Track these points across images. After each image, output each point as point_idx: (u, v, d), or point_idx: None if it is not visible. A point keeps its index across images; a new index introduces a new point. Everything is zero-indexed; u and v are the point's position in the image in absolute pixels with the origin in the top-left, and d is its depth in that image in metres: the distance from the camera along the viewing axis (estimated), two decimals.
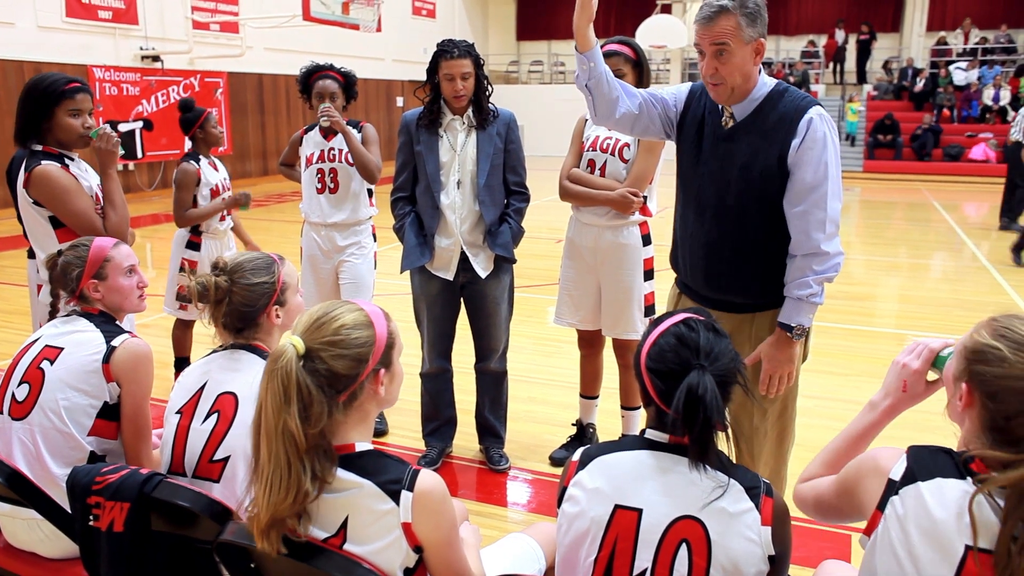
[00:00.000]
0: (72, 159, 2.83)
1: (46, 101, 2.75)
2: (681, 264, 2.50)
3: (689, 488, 1.41)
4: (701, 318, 1.50)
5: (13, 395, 2.01)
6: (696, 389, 1.38)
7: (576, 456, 1.54)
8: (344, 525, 1.41)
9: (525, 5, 24.36)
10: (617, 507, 1.42)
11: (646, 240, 3.28)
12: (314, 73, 3.79)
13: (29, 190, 2.70)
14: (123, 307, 2.20)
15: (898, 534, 1.27)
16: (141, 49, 13.30)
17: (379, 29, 14.40)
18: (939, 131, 17.23)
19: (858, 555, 2.70)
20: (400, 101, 19.78)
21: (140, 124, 12.71)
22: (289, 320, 1.94)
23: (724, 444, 1.46)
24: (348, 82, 3.86)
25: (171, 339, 4.22)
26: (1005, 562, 1.17)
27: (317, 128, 3.79)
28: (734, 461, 1.50)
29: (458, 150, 3.18)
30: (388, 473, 1.43)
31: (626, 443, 1.51)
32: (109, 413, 1.99)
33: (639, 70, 3.18)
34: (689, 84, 2.46)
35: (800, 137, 2.17)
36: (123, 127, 2.56)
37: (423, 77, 3.22)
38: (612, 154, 3.23)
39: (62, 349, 2.02)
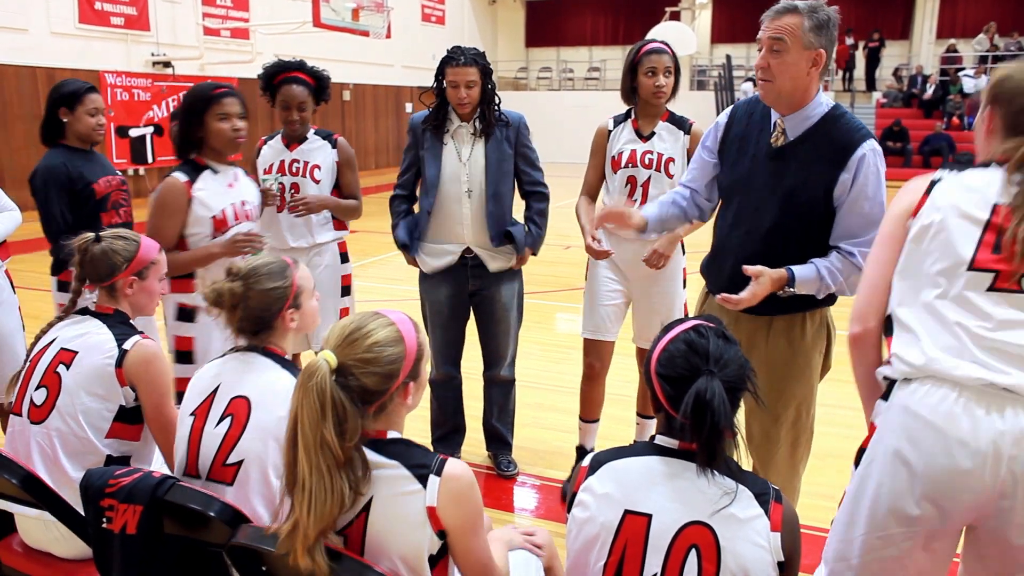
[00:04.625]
0: (217, 171, 2.86)
1: (196, 110, 2.79)
2: (714, 275, 2.44)
3: (699, 494, 1.42)
4: (712, 325, 1.52)
5: (32, 399, 2.03)
6: (704, 394, 1.39)
7: (586, 462, 1.55)
8: (367, 507, 1.43)
9: (534, 12, 24.42)
10: (627, 512, 1.43)
11: (683, 249, 3.25)
12: (279, 74, 3.34)
13: None
14: (144, 311, 2.23)
15: (935, 206, 1.61)
16: (152, 55, 13.40)
17: (388, 35, 14.48)
18: (951, 140, 17.17)
19: None
20: (409, 107, 19.83)
21: (151, 130, 12.81)
22: (304, 323, 1.95)
23: (734, 451, 1.47)
24: (320, 85, 3.43)
25: None
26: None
27: (279, 136, 3.49)
28: (744, 468, 1.50)
29: (465, 160, 3.16)
30: (416, 458, 1.47)
31: (636, 449, 1.52)
32: (127, 416, 2.01)
33: (678, 73, 3.13)
34: (728, 109, 2.48)
35: (851, 172, 2.13)
36: (133, 132, 2.62)
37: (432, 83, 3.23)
38: (657, 170, 3.11)
39: (76, 353, 2.04)
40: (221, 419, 1.79)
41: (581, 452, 3.49)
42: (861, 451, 1.68)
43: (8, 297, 3.04)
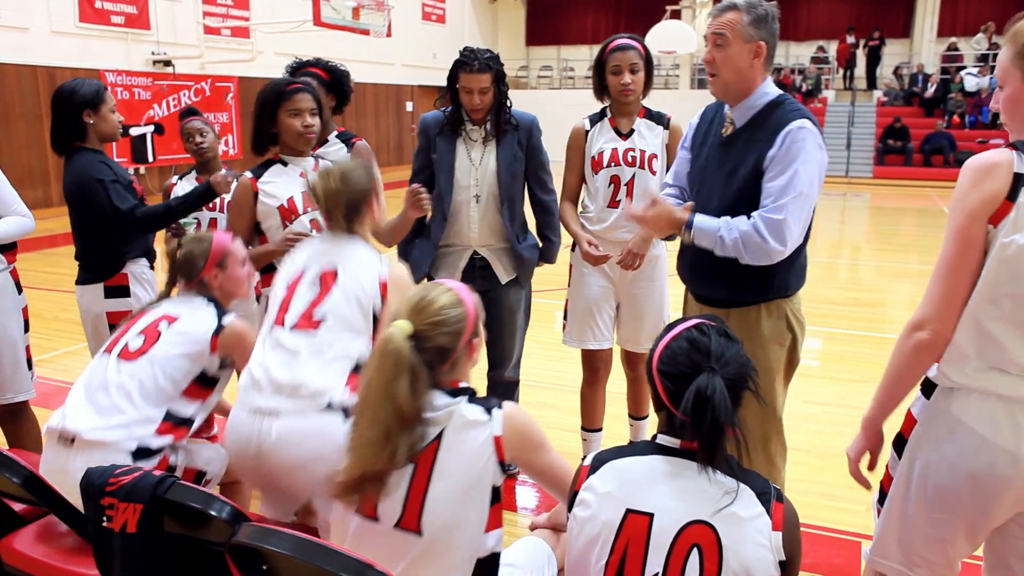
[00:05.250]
0: (287, 163, 2.88)
1: (268, 105, 2.80)
2: (679, 266, 2.54)
3: (700, 493, 1.42)
4: (713, 324, 1.53)
5: (127, 343, 2.26)
6: (705, 391, 1.40)
7: (587, 461, 1.55)
8: (440, 436, 1.59)
9: (535, 10, 24.41)
10: (628, 511, 1.44)
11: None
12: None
13: None
14: (236, 294, 2.49)
15: (1022, 212, 1.50)
16: (153, 54, 13.40)
17: (389, 34, 14.46)
18: (952, 139, 17.15)
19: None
20: (410, 106, 19.83)
21: (151, 128, 12.80)
22: (382, 218, 2.50)
23: (740, 448, 1.47)
24: (335, 79, 3.30)
25: None
26: None
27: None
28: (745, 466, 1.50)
29: (477, 165, 3.11)
30: (482, 400, 1.66)
31: (638, 448, 1.53)
32: (204, 380, 2.27)
33: (648, 68, 3.11)
34: (702, 109, 2.55)
35: (777, 147, 2.21)
36: (134, 131, 2.57)
37: (433, 82, 3.26)
38: (641, 167, 3.09)
39: (179, 317, 2.30)
40: (312, 286, 2.14)
41: None
42: (900, 439, 1.77)
43: (11, 300, 3.03)
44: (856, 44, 20.41)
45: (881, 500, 1.83)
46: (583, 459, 1.58)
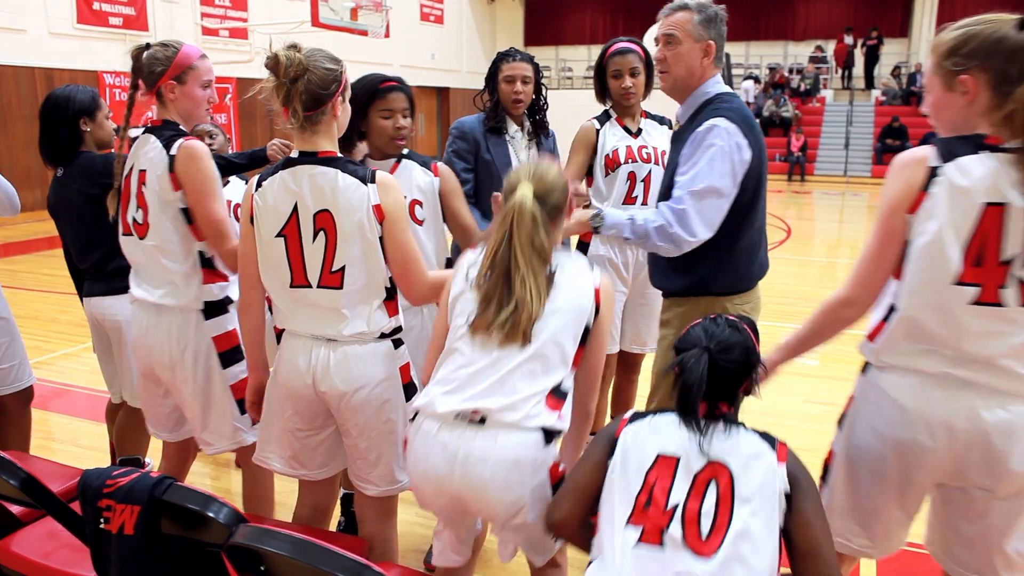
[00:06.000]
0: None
1: (359, 103, 2.65)
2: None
3: (717, 442, 1.64)
4: (732, 317, 1.77)
5: (134, 219, 2.39)
6: (687, 360, 1.65)
7: (628, 415, 1.77)
8: (550, 274, 1.88)
9: (533, 11, 24.44)
10: (659, 455, 1.66)
11: None
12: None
13: None
14: (193, 116, 2.46)
15: (934, 204, 1.67)
16: None
17: (387, 35, 14.49)
18: None
19: (865, 563, 2.69)
20: None
21: None
22: (343, 122, 2.19)
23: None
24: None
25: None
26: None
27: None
28: None
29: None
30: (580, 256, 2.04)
31: (667, 411, 1.73)
32: (190, 216, 2.36)
33: (649, 70, 3.11)
34: None
35: (688, 144, 2.30)
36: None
37: (432, 83, 3.23)
38: (656, 163, 3.11)
39: (146, 170, 2.36)
40: (315, 235, 2.06)
41: None
42: (842, 418, 1.98)
43: None
44: (854, 44, 20.44)
45: (824, 477, 1.99)
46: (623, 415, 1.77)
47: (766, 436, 1.66)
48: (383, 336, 2.14)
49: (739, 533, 1.55)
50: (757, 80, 21.17)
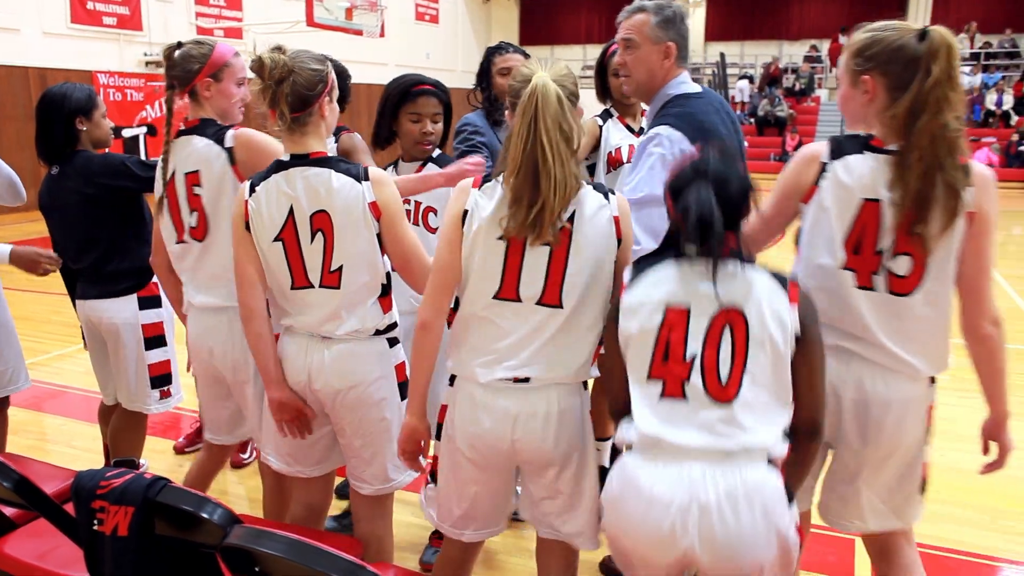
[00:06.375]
0: (396, 167, 2.78)
1: (390, 104, 2.67)
2: None
3: (724, 284, 1.63)
4: (717, 146, 1.73)
5: (189, 223, 2.35)
6: (690, 197, 1.61)
7: (626, 278, 1.74)
8: (572, 218, 1.82)
9: (528, 10, 24.44)
10: (668, 307, 1.65)
11: None
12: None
13: None
14: (228, 114, 2.40)
15: (821, 197, 1.84)
16: (145, 55, 13.37)
17: (382, 34, 14.47)
18: None
19: (861, 555, 2.71)
20: None
21: (144, 130, 12.77)
22: (332, 121, 2.15)
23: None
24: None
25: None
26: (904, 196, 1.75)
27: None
28: None
29: None
30: (598, 185, 1.90)
31: (667, 256, 1.71)
32: None
33: None
34: None
35: (637, 152, 2.31)
36: (127, 133, 2.51)
37: None
38: None
39: (199, 171, 2.31)
40: (313, 236, 2.05)
41: (601, 472, 3.25)
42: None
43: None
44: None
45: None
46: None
47: (777, 275, 1.66)
48: (378, 333, 2.13)
49: (754, 377, 1.61)
50: (752, 80, 21.20)
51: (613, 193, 1.88)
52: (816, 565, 2.79)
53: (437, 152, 2.68)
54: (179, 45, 2.41)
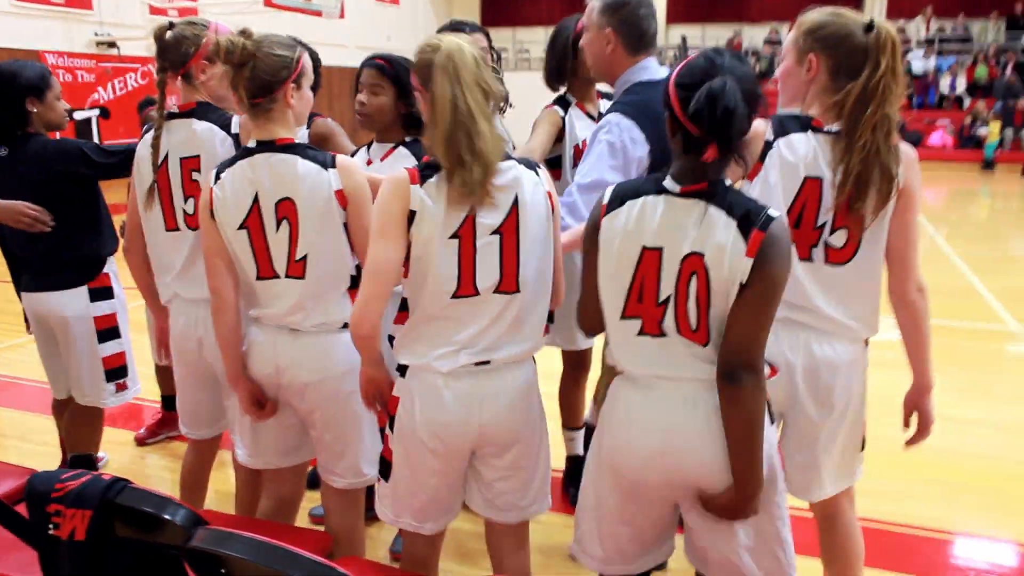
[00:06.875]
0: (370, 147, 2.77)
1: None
2: None
3: (694, 229, 1.63)
4: (728, 49, 1.69)
5: (184, 210, 2.28)
6: (715, 88, 1.54)
7: (607, 198, 1.74)
8: (516, 202, 1.83)
9: None
10: (644, 248, 1.67)
11: None
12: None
13: None
14: (223, 96, 2.29)
15: (767, 174, 1.90)
16: (96, 35, 12.96)
17: (342, 16, 14.20)
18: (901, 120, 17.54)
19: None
20: None
21: (96, 112, 12.41)
22: (302, 107, 2.10)
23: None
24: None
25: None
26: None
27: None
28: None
29: None
30: (525, 160, 1.92)
31: (647, 187, 1.70)
32: None
33: None
34: None
35: (590, 138, 2.32)
36: (79, 115, 2.40)
37: None
38: None
39: (199, 156, 2.24)
40: (279, 224, 2.00)
41: (574, 462, 3.22)
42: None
43: None
44: None
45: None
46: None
47: (745, 221, 1.59)
48: (346, 326, 2.09)
49: (717, 324, 1.64)
50: None
51: (540, 167, 1.91)
52: (806, 548, 2.81)
53: (411, 139, 2.62)
54: (171, 26, 2.30)
